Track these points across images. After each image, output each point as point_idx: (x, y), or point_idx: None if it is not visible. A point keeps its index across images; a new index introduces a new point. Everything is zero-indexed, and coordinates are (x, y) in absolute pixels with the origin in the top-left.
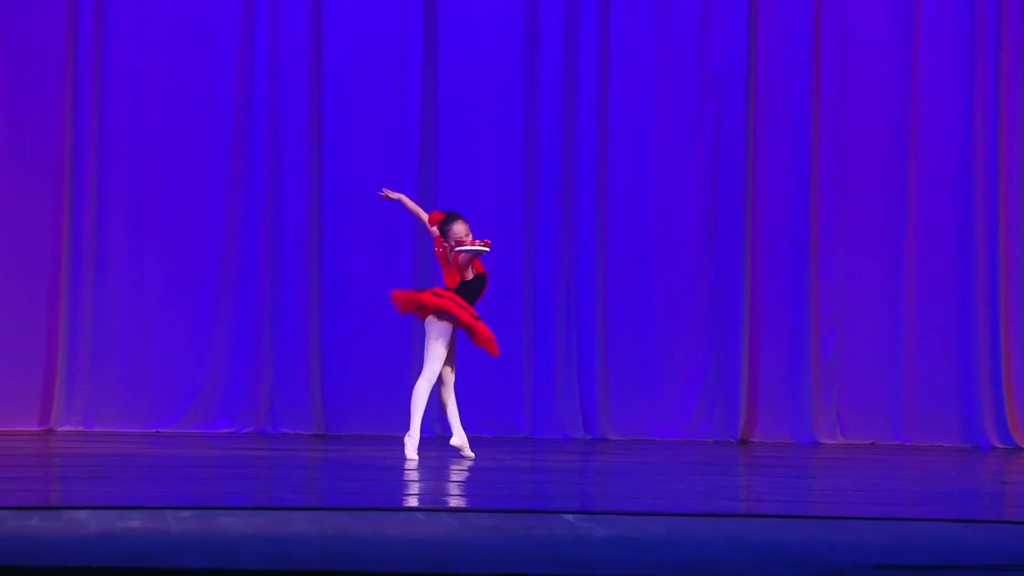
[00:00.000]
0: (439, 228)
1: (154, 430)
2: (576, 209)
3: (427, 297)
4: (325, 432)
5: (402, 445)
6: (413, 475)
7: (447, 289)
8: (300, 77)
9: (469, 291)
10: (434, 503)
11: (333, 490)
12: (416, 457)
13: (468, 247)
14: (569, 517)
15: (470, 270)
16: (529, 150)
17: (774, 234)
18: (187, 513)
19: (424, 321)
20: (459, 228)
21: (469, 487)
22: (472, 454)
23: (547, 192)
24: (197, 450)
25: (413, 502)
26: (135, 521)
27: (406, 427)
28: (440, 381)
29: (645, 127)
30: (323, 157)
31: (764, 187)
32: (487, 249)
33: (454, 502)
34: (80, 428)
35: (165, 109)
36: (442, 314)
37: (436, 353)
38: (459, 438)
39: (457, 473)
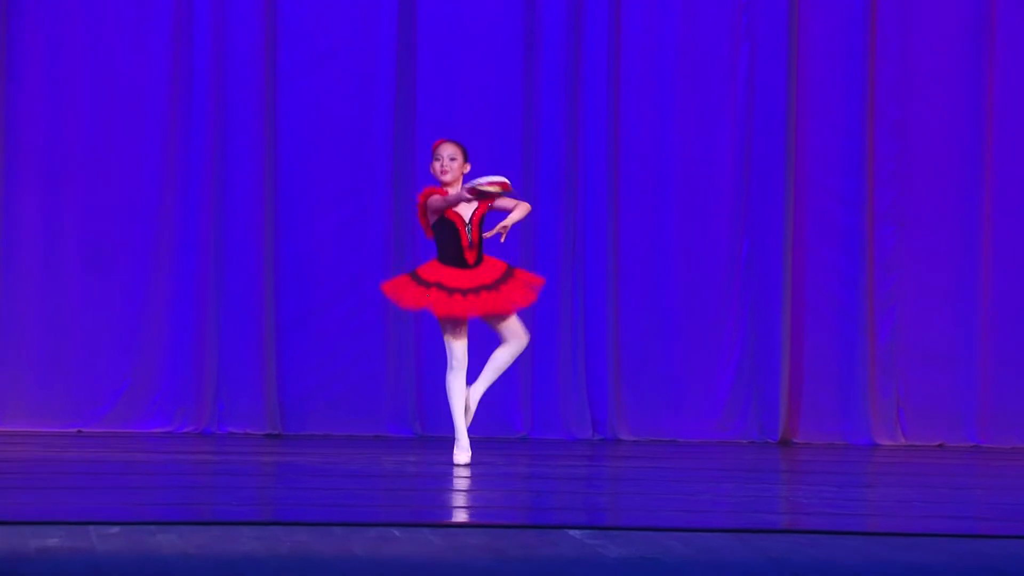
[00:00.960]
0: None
1: (74, 429)
2: (583, 170)
3: (409, 302)
4: (281, 432)
5: (377, 450)
6: (387, 484)
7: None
8: (250, 10)
9: (444, 241)
10: (412, 517)
11: (290, 501)
12: (466, 462)
13: (483, 185)
14: (575, 533)
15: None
16: (527, 97)
17: (820, 194)
18: (115, 529)
19: None
20: (440, 148)
21: (455, 498)
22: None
23: (546, 153)
24: (126, 453)
25: (387, 516)
26: (53, 539)
27: (376, 426)
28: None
29: (665, 70)
30: (278, 106)
31: (809, 137)
32: (496, 185)
33: (437, 515)
34: None
35: (87, 41)
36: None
37: (448, 343)
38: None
39: (441, 480)
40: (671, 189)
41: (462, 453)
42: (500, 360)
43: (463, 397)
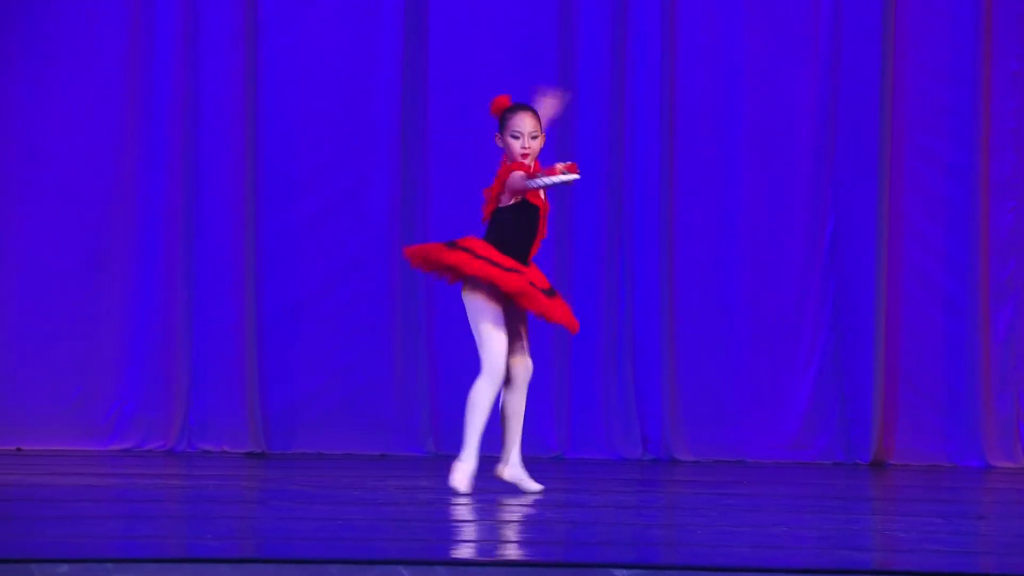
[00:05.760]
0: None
1: (14, 447)
2: (630, 129)
3: (450, 256)
4: (265, 450)
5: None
6: (394, 513)
7: (481, 237)
8: None
9: (515, 228)
10: (424, 553)
11: (277, 534)
12: (466, 489)
13: (551, 177)
14: (622, 573)
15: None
16: (563, 23)
17: (922, 160)
18: (65, 568)
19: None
20: (523, 122)
21: (476, 530)
22: (536, 486)
23: (585, 103)
24: (76, 476)
25: (393, 551)
26: None
27: (381, 443)
28: (506, 379)
29: (734, 18)
30: (259, 50)
31: (908, 90)
32: (575, 177)
33: (454, 552)
34: None
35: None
36: (476, 282)
37: (485, 338)
38: (513, 468)
39: (459, 510)
40: (738, 154)
41: (464, 474)
42: (516, 407)
43: (484, 411)
